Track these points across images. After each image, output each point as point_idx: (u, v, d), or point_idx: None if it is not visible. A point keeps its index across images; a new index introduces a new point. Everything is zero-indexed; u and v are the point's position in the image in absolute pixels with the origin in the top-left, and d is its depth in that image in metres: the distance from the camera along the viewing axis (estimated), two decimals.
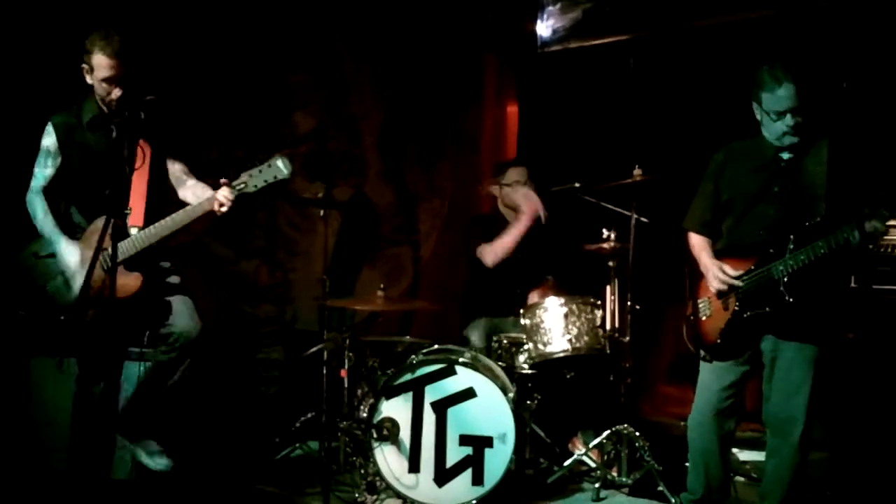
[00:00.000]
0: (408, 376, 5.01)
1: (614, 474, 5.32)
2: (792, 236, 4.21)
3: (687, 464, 4.71)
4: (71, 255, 4.59)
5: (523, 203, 5.76)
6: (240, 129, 6.56)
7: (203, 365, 4.91)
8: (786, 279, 4.21)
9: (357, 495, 5.00)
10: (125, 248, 4.47)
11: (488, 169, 6.97)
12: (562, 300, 5.32)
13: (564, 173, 6.02)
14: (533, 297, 5.83)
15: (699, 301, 4.54)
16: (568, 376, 5.53)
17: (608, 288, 5.77)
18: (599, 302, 5.41)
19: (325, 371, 5.34)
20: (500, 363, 5.32)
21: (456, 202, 7.38)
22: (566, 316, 5.29)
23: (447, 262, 6.98)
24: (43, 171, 4.66)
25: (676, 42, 6.84)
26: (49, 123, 4.65)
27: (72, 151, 4.64)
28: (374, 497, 4.96)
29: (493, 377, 5.05)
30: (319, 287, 5.49)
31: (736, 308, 4.37)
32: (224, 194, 4.51)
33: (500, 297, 5.88)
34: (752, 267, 4.32)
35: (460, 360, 5.06)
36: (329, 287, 5.47)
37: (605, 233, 5.74)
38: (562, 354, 5.25)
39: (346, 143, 7.06)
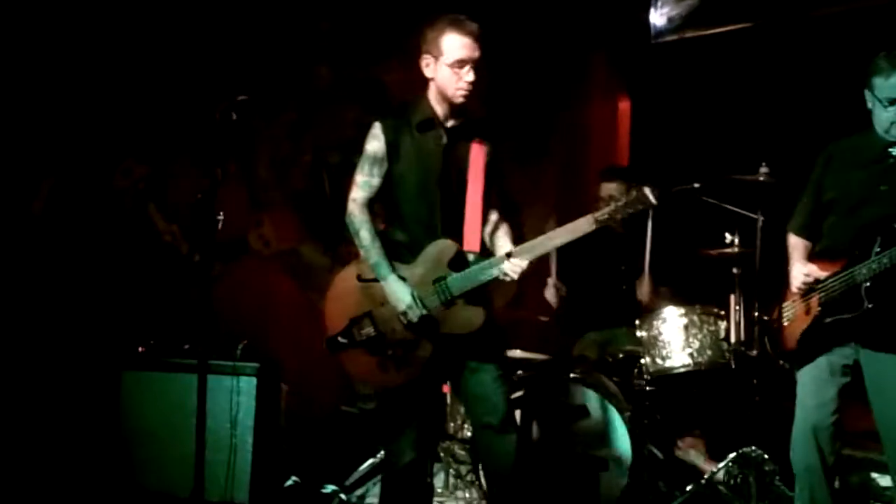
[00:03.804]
0: (515, 393, 4.95)
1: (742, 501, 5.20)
2: (879, 238, 4.10)
3: None
4: (401, 293, 4.16)
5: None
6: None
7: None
8: (867, 283, 4.11)
9: None
10: (464, 280, 4.15)
11: (598, 171, 6.88)
12: (681, 310, 5.25)
13: (682, 172, 5.92)
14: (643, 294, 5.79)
15: (784, 305, 4.48)
16: (689, 393, 5.44)
17: (732, 297, 5.65)
18: (723, 312, 5.32)
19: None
20: (613, 379, 5.26)
21: (562, 207, 7.31)
22: (686, 327, 5.21)
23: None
24: (368, 181, 4.25)
25: (800, 30, 6.69)
26: (375, 125, 4.26)
27: (398, 157, 4.25)
28: None
29: (608, 394, 5.00)
30: None
31: (818, 312, 4.29)
32: (590, 224, 4.14)
33: (610, 307, 5.81)
34: (839, 269, 4.23)
35: (571, 375, 5.03)
36: None
37: (729, 237, 5.62)
38: (682, 370, 5.18)
39: None
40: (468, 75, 4.14)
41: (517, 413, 4.64)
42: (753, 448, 5.22)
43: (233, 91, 4.24)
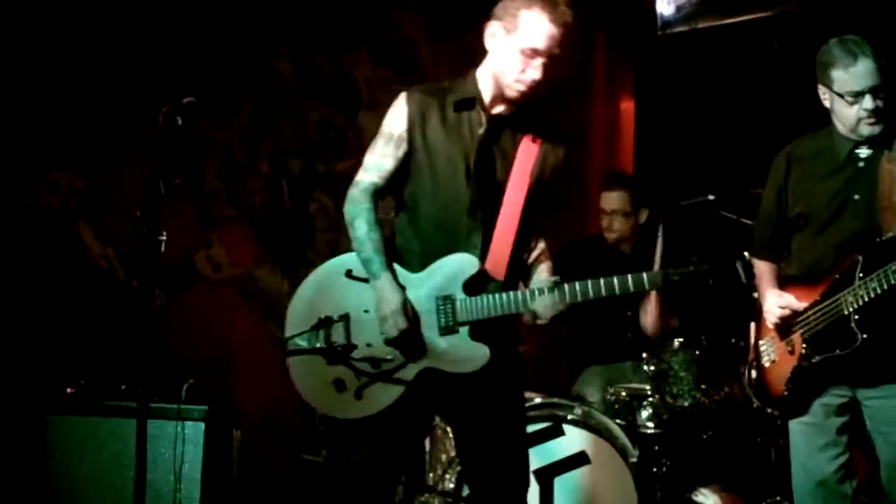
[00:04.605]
0: None
1: None
2: (861, 257, 4.09)
3: None
4: (390, 295, 3.85)
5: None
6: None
7: None
8: (857, 313, 4.07)
9: None
10: (476, 308, 3.89)
11: (598, 178, 6.89)
12: (695, 342, 5.30)
13: (693, 183, 5.93)
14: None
15: (761, 343, 4.48)
16: (704, 436, 5.44)
17: (752, 325, 5.64)
18: (741, 344, 5.29)
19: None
20: (618, 420, 5.27)
21: (558, 220, 7.29)
22: (700, 361, 5.24)
23: None
24: (379, 163, 3.95)
25: (829, 19, 6.70)
26: (400, 96, 3.99)
27: (422, 139, 3.94)
28: None
29: (611, 438, 5.04)
30: None
31: (803, 351, 4.25)
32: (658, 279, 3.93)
33: (614, 338, 5.81)
34: (819, 297, 4.21)
35: (569, 416, 5.07)
36: None
37: (748, 256, 5.62)
38: (697, 409, 5.23)
39: None
40: (536, 70, 3.83)
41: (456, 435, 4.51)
42: (779, 499, 5.24)
43: (177, 90, 4.20)
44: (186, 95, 4.06)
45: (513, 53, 3.84)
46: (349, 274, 3.95)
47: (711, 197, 5.66)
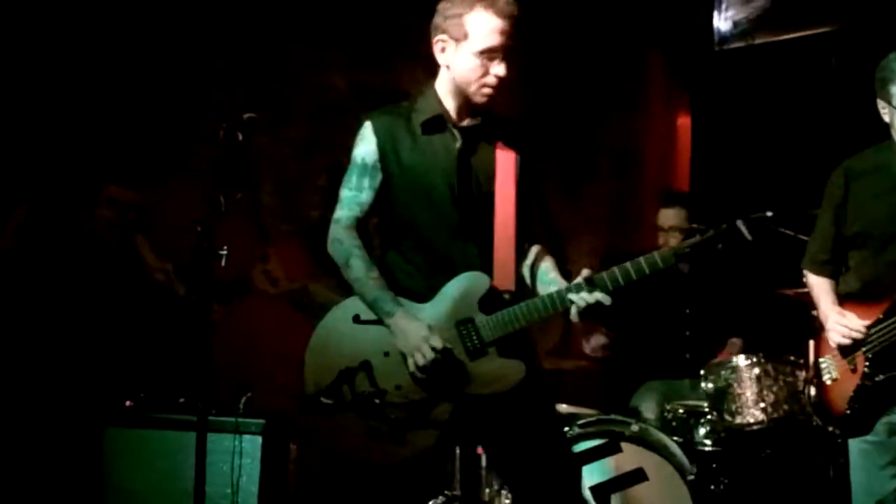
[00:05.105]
0: None
1: None
2: None
3: None
4: (412, 327, 3.66)
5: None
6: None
7: None
8: None
9: None
10: (499, 324, 3.74)
11: (653, 195, 6.87)
12: (754, 358, 5.24)
13: (751, 199, 5.87)
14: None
15: (821, 361, 4.42)
16: (763, 455, 5.40)
17: (811, 343, 5.59)
18: (801, 361, 5.23)
19: (457, 448, 5.27)
20: (675, 438, 5.25)
21: (614, 238, 7.29)
22: (760, 378, 5.21)
23: None
24: (356, 196, 3.81)
25: (888, 34, 6.64)
26: (365, 124, 3.85)
27: (397, 166, 3.80)
28: None
29: (668, 455, 5.01)
30: None
31: (866, 369, 4.19)
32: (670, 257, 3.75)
33: (672, 355, 5.80)
34: (881, 315, 4.16)
35: (626, 433, 5.04)
36: None
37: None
38: (755, 427, 5.17)
39: None
40: (498, 68, 3.70)
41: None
42: None
43: (233, 106, 4.21)
44: (243, 111, 4.07)
45: (469, 60, 3.71)
46: (357, 319, 3.74)
47: (769, 213, 5.60)
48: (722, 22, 7.43)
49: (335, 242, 3.81)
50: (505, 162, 3.81)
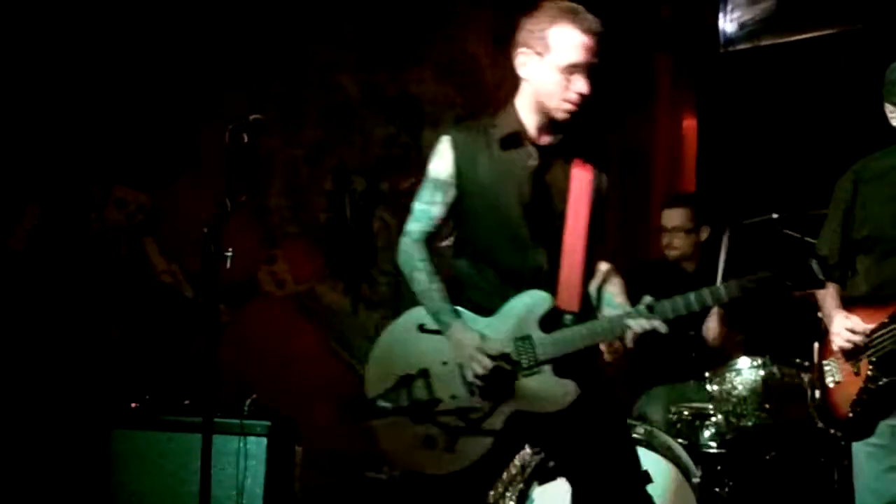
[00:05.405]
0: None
1: None
2: None
3: None
4: (468, 337, 3.72)
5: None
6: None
7: None
8: None
9: None
10: (557, 344, 3.76)
11: (661, 197, 6.85)
12: (758, 360, 5.23)
13: (758, 200, 5.87)
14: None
15: (825, 363, 4.40)
16: (768, 457, 5.37)
17: (817, 345, 5.57)
18: (807, 363, 5.22)
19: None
20: (680, 440, 5.22)
21: (620, 242, 7.27)
22: (765, 380, 5.19)
23: None
24: (427, 210, 3.82)
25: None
26: (442, 139, 3.84)
27: (473, 181, 3.81)
28: None
29: (673, 458, 4.98)
30: None
31: (869, 373, 4.17)
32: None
33: (677, 357, 5.77)
34: (887, 319, 4.13)
35: (632, 436, 4.93)
36: None
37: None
38: (760, 429, 5.17)
39: None
40: (580, 84, 3.70)
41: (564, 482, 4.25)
42: None
43: (242, 107, 4.21)
44: (252, 112, 4.07)
45: (552, 75, 3.72)
46: (422, 328, 3.81)
47: (775, 215, 5.60)
48: (727, 24, 7.42)
49: (403, 254, 3.84)
50: (580, 182, 3.82)
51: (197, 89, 6.52)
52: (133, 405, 5.28)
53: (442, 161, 3.81)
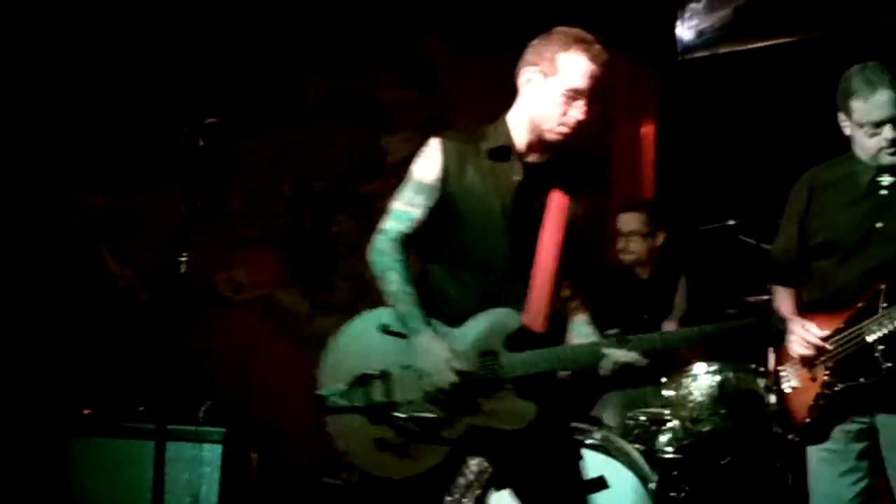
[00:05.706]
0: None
1: None
2: (883, 286, 4.07)
3: None
4: (436, 348, 3.66)
5: None
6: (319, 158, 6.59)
7: None
8: (881, 345, 4.04)
9: None
10: (524, 364, 3.71)
11: (620, 205, 6.85)
12: (714, 366, 5.25)
13: (715, 208, 5.89)
14: None
15: (781, 369, 4.43)
16: (724, 462, 5.41)
17: (773, 351, 5.60)
18: (762, 369, 5.26)
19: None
20: (636, 445, 5.23)
21: None
22: (721, 386, 5.22)
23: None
24: (408, 212, 3.76)
25: (857, 43, 6.65)
26: (431, 142, 3.81)
27: (459, 187, 3.78)
28: None
29: (630, 463, 4.97)
30: None
31: (826, 378, 4.21)
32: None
33: None
34: (842, 325, 4.17)
35: (587, 441, 4.97)
36: None
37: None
38: (716, 434, 5.20)
39: None
40: (580, 111, 3.71)
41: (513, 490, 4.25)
42: None
43: (203, 111, 4.18)
44: (210, 116, 4.04)
45: (553, 97, 3.72)
46: (385, 329, 3.73)
47: (731, 222, 5.62)
48: (685, 31, 7.43)
49: (376, 252, 3.76)
50: (557, 205, 3.81)
51: (160, 95, 6.47)
52: (86, 412, 5.23)
53: (430, 163, 3.77)
